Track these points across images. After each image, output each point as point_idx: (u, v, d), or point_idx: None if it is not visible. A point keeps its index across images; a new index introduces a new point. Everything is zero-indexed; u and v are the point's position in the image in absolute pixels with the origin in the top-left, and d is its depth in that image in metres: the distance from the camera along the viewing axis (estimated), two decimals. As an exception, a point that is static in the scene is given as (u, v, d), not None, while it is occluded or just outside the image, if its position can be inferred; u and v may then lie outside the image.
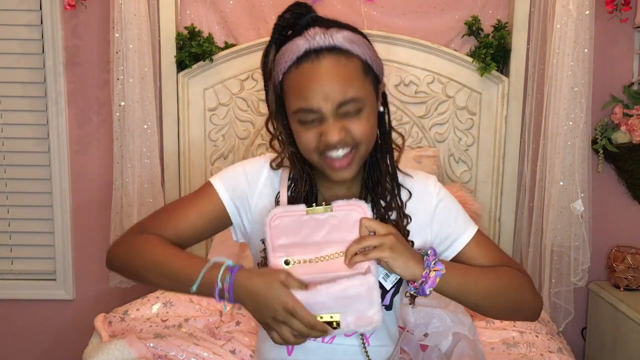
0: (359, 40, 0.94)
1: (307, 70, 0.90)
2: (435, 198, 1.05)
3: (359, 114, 0.92)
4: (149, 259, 0.96)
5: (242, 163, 1.08)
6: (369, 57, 0.94)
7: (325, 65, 0.90)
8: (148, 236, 0.99)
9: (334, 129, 0.91)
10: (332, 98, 0.90)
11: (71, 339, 2.37)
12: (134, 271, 0.99)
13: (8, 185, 2.31)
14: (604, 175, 2.26)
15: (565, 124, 1.97)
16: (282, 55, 0.93)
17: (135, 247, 0.98)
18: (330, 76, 0.90)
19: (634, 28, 2.19)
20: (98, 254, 2.31)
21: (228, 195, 1.03)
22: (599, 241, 2.25)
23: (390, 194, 1.01)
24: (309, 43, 0.90)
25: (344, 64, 0.91)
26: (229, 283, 0.87)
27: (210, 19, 2.21)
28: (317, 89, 0.89)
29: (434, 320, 1.38)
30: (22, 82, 2.25)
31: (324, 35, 0.91)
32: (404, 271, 0.91)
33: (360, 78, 0.93)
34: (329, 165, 0.95)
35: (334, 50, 0.91)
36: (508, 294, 1.01)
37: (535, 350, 1.56)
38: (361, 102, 0.92)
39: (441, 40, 2.20)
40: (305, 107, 0.91)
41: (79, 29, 2.22)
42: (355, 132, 0.93)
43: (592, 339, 2.30)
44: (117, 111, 2.05)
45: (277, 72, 0.94)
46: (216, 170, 2.21)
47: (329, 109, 0.90)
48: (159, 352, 1.44)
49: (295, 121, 0.94)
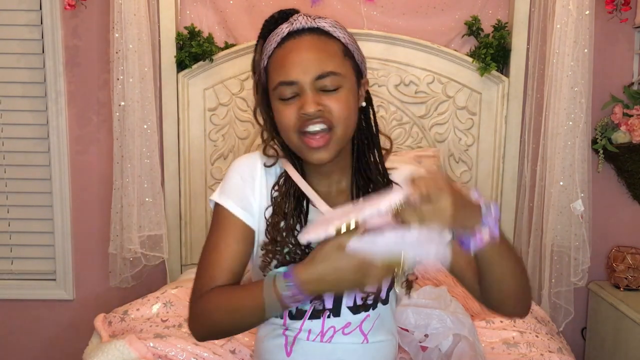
0: (342, 29, 0.99)
1: (288, 46, 0.95)
2: None
3: (337, 92, 0.95)
4: (225, 311, 0.95)
5: (234, 167, 1.05)
6: (351, 44, 0.99)
7: (306, 41, 0.95)
8: (208, 294, 0.97)
9: (311, 100, 0.93)
10: (310, 70, 0.93)
11: (71, 339, 2.37)
12: (221, 329, 0.99)
13: (8, 185, 2.31)
14: (604, 175, 2.26)
15: (565, 124, 1.97)
16: (268, 42, 0.98)
17: (206, 310, 0.97)
18: (309, 50, 0.94)
19: (634, 28, 2.19)
20: (98, 254, 2.31)
21: (241, 208, 1.01)
22: (599, 241, 2.25)
23: (382, 189, 1.01)
24: (292, 25, 0.96)
25: (324, 42, 0.95)
26: (293, 286, 0.86)
27: (210, 19, 2.21)
28: (295, 61, 0.93)
29: (434, 322, 1.38)
30: (22, 82, 2.25)
31: (307, 18, 0.96)
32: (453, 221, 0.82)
33: (340, 57, 0.96)
34: (307, 144, 0.95)
35: (316, 30, 0.96)
36: (522, 276, 0.99)
37: (535, 350, 1.56)
38: (339, 78, 0.95)
39: (441, 40, 2.20)
40: (284, 80, 0.94)
41: (79, 29, 2.22)
42: (332, 109, 0.94)
43: (592, 339, 2.30)
44: (117, 111, 2.04)
45: (264, 59, 0.99)
46: (216, 170, 2.21)
47: (307, 81, 0.93)
48: (159, 352, 1.44)
49: (276, 99, 0.97)
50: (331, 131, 0.95)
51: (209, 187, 2.22)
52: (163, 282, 2.19)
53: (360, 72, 1.01)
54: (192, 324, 1.00)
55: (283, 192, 1.01)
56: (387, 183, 1.04)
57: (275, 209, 1.01)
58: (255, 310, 0.91)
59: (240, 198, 1.02)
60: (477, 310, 1.78)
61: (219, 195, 1.03)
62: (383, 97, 2.17)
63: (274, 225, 1.00)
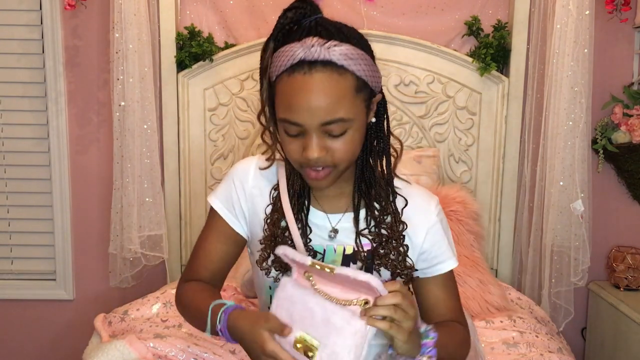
0: (357, 55, 0.90)
1: (298, 81, 0.88)
2: (436, 217, 1.05)
3: (343, 135, 0.91)
4: (188, 308, 1.07)
5: (230, 172, 1.10)
6: (365, 73, 0.91)
7: (317, 80, 0.87)
8: (188, 285, 1.08)
9: (315, 146, 0.90)
10: (318, 116, 0.88)
11: (71, 339, 2.37)
12: (188, 321, 1.10)
13: (8, 185, 2.31)
14: (604, 175, 2.26)
15: (565, 124, 1.97)
16: (278, 56, 0.91)
17: (180, 300, 1.09)
18: (319, 93, 0.87)
19: (634, 28, 2.19)
20: (98, 254, 2.32)
21: (227, 210, 1.07)
22: (599, 241, 2.25)
23: (385, 199, 1.01)
24: (304, 53, 0.87)
25: (335, 80, 0.88)
26: (223, 324, 0.92)
27: (210, 19, 2.21)
28: (304, 104, 0.88)
29: (434, 321, 1.38)
30: (22, 82, 2.25)
31: (321, 48, 0.87)
32: (400, 349, 0.87)
33: (351, 97, 0.90)
34: (307, 173, 0.96)
35: (328, 64, 0.87)
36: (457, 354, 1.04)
37: (535, 350, 1.56)
38: (348, 123, 0.90)
39: (441, 40, 2.20)
40: (290, 119, 0.90)
41: (79, 29, 2.22)
42: (336, 154, 0.92)
43: (592, 339, 2.30)
44: (117, 111, 2.04)
45: (272, 72, 0.93)
46: (216, 170, 2.21)
47: (313, 125, 0.89)
48: (159, 352, 1.44)
49: (281, 128, 0.94)
50: (332, 168, 0.94)
51: (209, 187, 2.22)
52: (163, 282, 2.19)
53: (373, 94, 0.95)
54: (175, 301, 1.13)
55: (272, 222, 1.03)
56: (392, 193, 1.02)
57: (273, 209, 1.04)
58: (203, 324, 0.98)
59: (230, 202, 1.07)
60: (477, 311, 1.79)
61: (212, 196, 1.10)
62: (383, 97, 2.17)
63: (274, 223, 1.02)
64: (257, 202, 1.06)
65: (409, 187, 1.06)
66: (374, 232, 1.01)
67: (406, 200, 1.02)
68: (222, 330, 0.92)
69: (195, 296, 1.04)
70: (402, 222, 1.01)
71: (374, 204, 1.01)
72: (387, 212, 1.01)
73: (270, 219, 1.03)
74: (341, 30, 0.92)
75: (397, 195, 1.03)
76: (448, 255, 1.06)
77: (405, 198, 1.02)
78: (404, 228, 1.02)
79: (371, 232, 1.01)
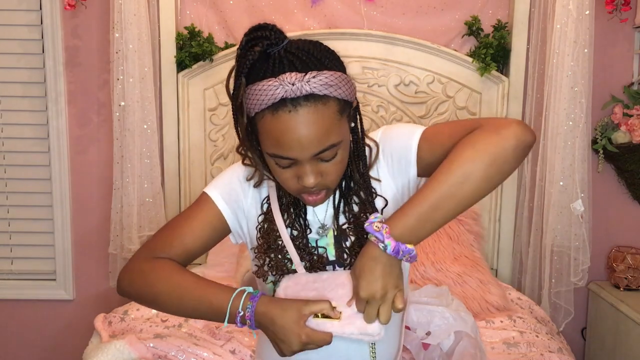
0: (336, 80, 0.88)
1: (283, 119, 0.86)
2: (380, 141, 1.02)
3: (335, 157, 0.92)
4: (169, 287, 0.96)
5: (231, 168, 1.09)
6: (345, 94, 0.90)
7: (303, 116, 0.86)
8: (161, 261, 0.99)
9: (310, 173, 0.91)
10: (309, 149, 0.88)
11: (71, 339, 2.37)
12: (152, 299, 0.99)
13: (8, 185, 2.31)
14: (604, 175, 2.26)
15: (565, 124, 1.97)
16: (255, 94, 0.87)
17: (151, 275, 0.98)
18: (308, 127, 0.87)
19: (634, 28, 2.19)
20: (98, 254, 2.31)
21: (224, 201, 1.05)
22: (599, 241, 2.25)
23: (365, 199, 1.01)
24: (285, 91, 0.85)
25: (321, 111, 0.87)
26: (250, 311, 0.90)
27: (210, 19, 2.21)
28: (294, 141, 0.87)
29: (436, 319, 1.38)
30: (22, 82, 2.25)
31: (301, 83, 0.85)
32: None
33: (337, 121, 0.90)
34: (305, 199, 0.96)
35: (311, 97, 0.86)
36: (470, 170, 0.87)
37: (535, 350, 1.56)
38: (337, 146, 0.91)
39: (441, 40, 2.20)
40: (281, 155, 0.89)
41: (79, 29, 2.22)
42: (329, 177, 0.93)
43: (592, 339, 2.30)
44: (117, 111, 2.05)
45: (249, 108, 0.89)
46: (216, 170, 2.21)
47: (305, 157, 0.89)
48: (159, 352, 1.45)
49: (271, 160, 0.93)
50: (327, 189, 0.96)
51: (209, 187, 2.22)
52: (163, 282, 2.19)
53: (351, 105, 0.94)
54: (127, 275, 1.01)
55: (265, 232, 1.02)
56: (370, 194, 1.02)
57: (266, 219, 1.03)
58: (211, 310, 0.94)
59: (227, 192, 1.06)
60: (477, 310, 1.79)
61: (209, 186, 1.09)
62: (383, 97, 2.17)
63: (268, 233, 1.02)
64: (255, 204, 1.06)
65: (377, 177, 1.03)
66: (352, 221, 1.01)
67: (386, 201, 1.01)
68: (248, 317, 0.90)
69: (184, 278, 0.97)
70: (381, 196, 1.02)
71: (353, 205, 1.01)
72: (366, 211, 1.00)
73: (262, 229, 1.03)
74: (312, 54, 0.89)
75: (377, 195, 1.02)
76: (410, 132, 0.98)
77: (385, 198, 1.01)
78: (385, 205, 1.01)
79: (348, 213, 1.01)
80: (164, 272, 0.98)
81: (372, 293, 0.88)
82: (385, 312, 0.88)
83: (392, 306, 0.89)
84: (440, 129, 0.97)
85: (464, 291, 1.82)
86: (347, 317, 0.90)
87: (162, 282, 0.97)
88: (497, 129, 0.88)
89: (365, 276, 0.89)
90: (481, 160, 0.87)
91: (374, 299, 0.88)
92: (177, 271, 0.98)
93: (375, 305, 0.88)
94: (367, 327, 0.89)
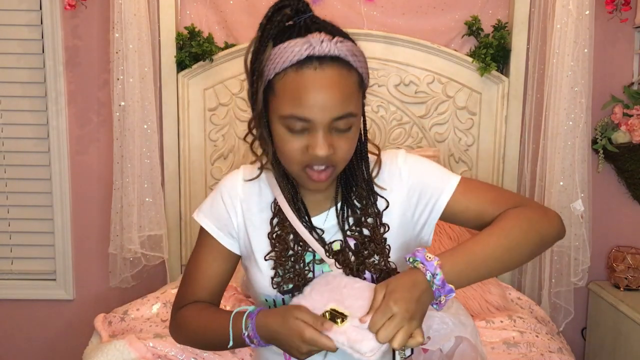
0: (359, 53, 0.90)
1: (308, 76, 0.85)
2: (402, 159, 1.02)
3: (349, 131, 0.90)
4: (195, 331, 1.02)
5: (217, 189, 1.07)
6: (364, 71, 0.92)
7: (329, 76, 0.86)
8: (185, 309, 1.04)
9: (323, 143, 0.88)
10: (330, 111, 0.86)
11: (71, 339, 2.37)
12: (194, 344, 1.07)
13: (8, 185, 2.31)
14: (604, 175, 2.26)
15: (565, 124, 1.97)
16: (279, 53, 0.87)
17: (182, 326, 1.04)
18: (332, 88, 0.86)
19: (634, 28, 2.19)
20: (98, 254, 2.32)
21: (217, 229, 1.05)
22: (599, 241, 2.25)
23: (366, 199, 1.00)
24: (313, 48, 0.85)
25: (345, 76, 0.87)
26: (251, 328, 0.91)
27: (210, 19, 2.21)
28: (317, 98, 0.85)
29: (435, 324, 1.38)
30: (22, 82, 2.25)
31: (330, 43, 0.86)
32: None
33: (356, 92, 0.90)
34: (309, 176, 0.92)
35: (336, 60, 0.87)
36: (522, 243, 0.92)
37: (535, 350, 1.56)
38: (354, 118, 0.90)
39: (441, 40, 2.20)
40: (299, 115, 0.86)
41: (79, 29, 2.22)
42: (341, 151, 0.90)
43: (592, 339, 2.30)
44: (117, 111, 2.04)
45: (269, 69, 0.88)
46: (216, 170, 2.21)
47: (324, 121, 0.87)
48: (158, 352, 1.45)
49: (282, 126, 0.89)
50: (334, 167, 0.93)
51: (209, 187, 2.22)
52: (163, 282, 2.19)
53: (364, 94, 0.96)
54: (171, 330, 1.09)
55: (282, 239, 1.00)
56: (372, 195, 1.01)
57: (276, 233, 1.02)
58: (221, 337, 0.96)
59: (221, 221, 1.05)
60: (477, 310, 1.79)
61: (200, 213, 1.07)
62: (383, 97, 2.17)
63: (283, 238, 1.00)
64: (248, 217, 1.03)
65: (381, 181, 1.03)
66: (355, 230, 0.99)
67: (387, 202, 1.00)
68: (252, 335, 0.90)
69: (200, 317, 1.01)
70: (383, 224, 1.00)
71: (354, 203, 1.00)
72: (368, 213, 0.99)
73: (276, 234, 1.00)
74: (336, 27, 0.92)
75: (379, 197, 1.01)
76: (442, 183, 0.99)
77: (386, 199, 1.01)
78: (386, 230, 1.00)
79: (352, 230, 0.99)
80: (187, 319, 1.03)
81: (403, 309, 0.80)
82: (402, 335, 0.79)
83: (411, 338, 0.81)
84: (479, 188, 1.00)
85: (463, 291, 1.81)
86: (349, 327, 0.84)
87: (191, 326, 1.02)
88: (548, 217, 0.96)
89: (403, 293, 0.82)
90: (533, 238, 0.93)
91: (399, 318, 0.80)
92: (196, 312, 1.03)
93: (396, 325, 0.80)
94: (360, 343, 0.81)
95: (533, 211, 0.95)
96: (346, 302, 0.88)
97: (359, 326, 0.83)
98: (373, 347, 0.81)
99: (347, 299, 0.88)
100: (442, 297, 0.85)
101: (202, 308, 1.02)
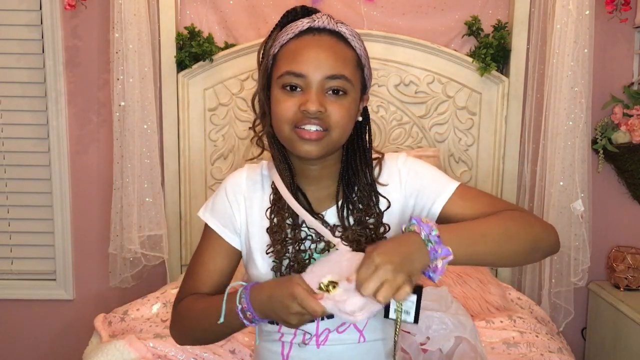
0: (360, 40, 0.98)
1: (305, 40, 0.94)
2: (402, 161, 1.04)
3: (342, 97, 0.94)
4: (193, 317, 1.01)
5: (222, 187, 1.08)
6: (364, 58, 0.99)
7: (324, 40, 0.94)
8: (185, 300, 1.05)
9: (315, 99, 0.92)
10: (323, 68, 0.92)
11: (71, 339, 2.37)
12: (192, 337, 1.05)
13: (8, 185, 2.31)
14: (604, 175, 2.26)
15: (565, 124, 1.97)
16: (285, 31, 0.97)
17: (181, 315, 1.04)
18: (326, 49, 0.93)
19: (634, 28, 2.19)
20: (98, 254, 2.32)
21: (222, 225, 1.06)
22: (599, 241, 2.25)
23: (368, 199, 1.01)
24: (313, 22, 0.94)
25: (342, 46, 0.95)
26: (245, 300, 0.90)
27: (210, 19, 2.21)
28: (311, 55, 0.92)
29: (435, 324, 1.38)
30: (22, 82, 2.25)
31: (330, 20, 0.95)
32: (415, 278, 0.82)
33: (353, 66, 0.96)
34: (299, 135, 0.94)
35: (335, 34, 0.95)
36: (519, 235, 0.92)
37: (535, 350, 1.56)
38: (348, 84, 0.94)
39: (441, 40, 2.20)
40: (294, 70, 0.92)
41: (79, 29, 2.22)
42: (333, 113, 0.93)
43: (592, 339, 2.30)
44: (117, 111, 2.04)
45: (275, 46, 0.97)
46: (216, 170, 2.21)
47: (317, 78, 0.92)
48: (158, 352, 1.45)
49: (278, 88, 0.95)
50: (326, 132, 0.94)
51: (209, 187, 2.22)
52: (163, 282, 2.19)
53: (365, 88, 1.01)
54: (170, 328, 1.08)
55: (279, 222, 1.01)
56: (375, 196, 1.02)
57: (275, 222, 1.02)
58: (215, 319, 0.94)
59: (224, 217, 1.06)
60: (477, 310, 1.79)
61: (206, 212, 1.08)
62: (383, 97, 2.17)
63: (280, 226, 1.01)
64: (250, 214, 1.05)
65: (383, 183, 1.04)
66: (355, 229, 1.00)
67: (389, 202, 1.01)
68: (246, 307, 0.89)
69: (197, 304, 1.01)
70: (384, 224, 1.01)
71: (355, 202, 1.01)
72: (369, 214, 1.00)
73: (275, 223, 1.01)
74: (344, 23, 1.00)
75: (380, 197, 1.02)
76: (441, 186, 1.00)
77: (388, 199, 1.02)
78: (386, 230, 1.01)
79: (353, 230, 1.00)
80: (186, 306, 1.03)
81: (386, 261, 0.78)
82: (387, 288, 0.76)
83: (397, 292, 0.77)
84: (478, 195, 1.01)
85: (464, 291, 1.81)
86: (339, 292, 0.82)
87: (189, 316, 1.02)
88: (546, 226, 0.97)
89: (387, 247, 0.80)
90: (528, 237, 0.93)
91: (382, 270, 0.77)
92: (195, 299, 1.02)
93: (379, 276, 0.77)
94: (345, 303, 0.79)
95: (533, 217, 0.99)
96: (345, 273, 0.85)
97: (348, 289, 0.81)
98: (359, 304, 0.79)
99: (346, 271, 0.85)
100: (438, 260, 0.82)
101: (200, 296, 1.03)
